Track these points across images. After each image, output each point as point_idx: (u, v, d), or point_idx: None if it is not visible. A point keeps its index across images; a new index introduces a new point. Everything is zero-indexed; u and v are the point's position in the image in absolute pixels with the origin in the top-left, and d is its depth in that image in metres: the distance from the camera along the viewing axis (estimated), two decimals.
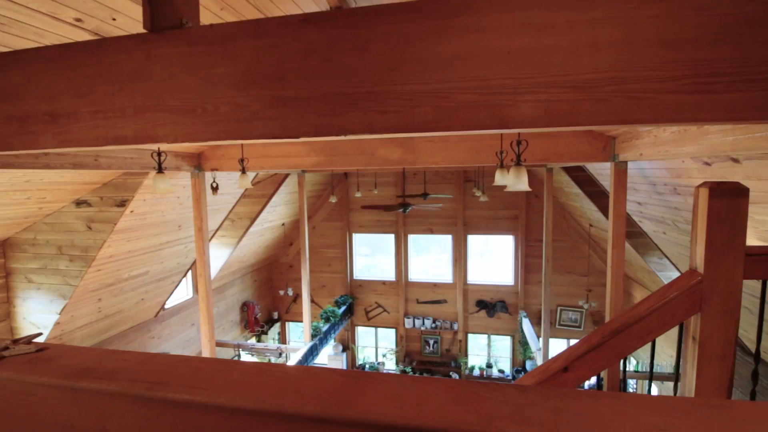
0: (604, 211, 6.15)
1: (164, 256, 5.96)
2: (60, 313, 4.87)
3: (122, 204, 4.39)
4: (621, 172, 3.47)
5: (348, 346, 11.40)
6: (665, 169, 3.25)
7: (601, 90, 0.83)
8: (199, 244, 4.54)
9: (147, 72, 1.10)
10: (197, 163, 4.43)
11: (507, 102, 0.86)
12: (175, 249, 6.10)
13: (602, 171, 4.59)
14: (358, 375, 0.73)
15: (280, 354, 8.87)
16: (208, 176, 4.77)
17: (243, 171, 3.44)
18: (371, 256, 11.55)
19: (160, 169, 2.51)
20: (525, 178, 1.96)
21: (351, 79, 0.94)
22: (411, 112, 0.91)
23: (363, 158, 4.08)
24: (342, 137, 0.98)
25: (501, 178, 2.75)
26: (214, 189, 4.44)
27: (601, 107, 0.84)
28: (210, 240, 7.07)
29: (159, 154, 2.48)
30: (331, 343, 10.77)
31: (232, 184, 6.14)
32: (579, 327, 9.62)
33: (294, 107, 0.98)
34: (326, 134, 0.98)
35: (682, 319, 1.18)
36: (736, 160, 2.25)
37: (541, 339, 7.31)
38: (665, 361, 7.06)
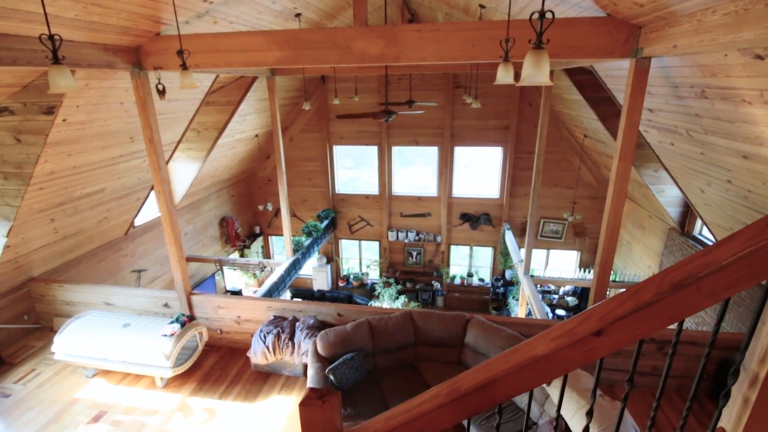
0: (604, 120, 5.67)
1: (120, 171, 5.36)
2: (7, 236, 4.41)
3: (50, 111, 3.67)
4: (642, 71, 2.92)
5: (332, 258, 11.49)
6: (697, 66, 2.72)
7: None
8: (152, 158, 3.95)
9: None
10: (135, 59, 3.63)
11: None
12: (132, 163, 5.48)
13: (613, 72, 4.01)
14: None
15: (263, 268, 8.83)
16: (152, 77, 4.00)
17: (184, 66, 2.74)
18: (355, 169, 11.06)
19: (56, 59, 1.82)
20: (546, 66, 1.41)
21: None
22: None
23: (336, 53, 3.37)
24: None
25: (505, 75, 2.21)
26: (161, 92, 3.74)
27: None
28: (173, 153, 6.41)
29: (50, 37, 1.76)
30: (315, 255, 10.80)
31: None
32: (560, 238, 9.76)
33: None
34: None
35: None
36: None
37: (523, 250, 7.32)
38: (642, 271, 7.24)
